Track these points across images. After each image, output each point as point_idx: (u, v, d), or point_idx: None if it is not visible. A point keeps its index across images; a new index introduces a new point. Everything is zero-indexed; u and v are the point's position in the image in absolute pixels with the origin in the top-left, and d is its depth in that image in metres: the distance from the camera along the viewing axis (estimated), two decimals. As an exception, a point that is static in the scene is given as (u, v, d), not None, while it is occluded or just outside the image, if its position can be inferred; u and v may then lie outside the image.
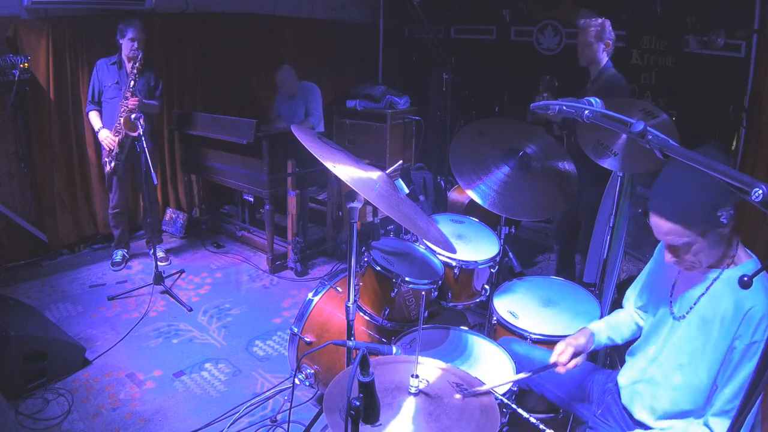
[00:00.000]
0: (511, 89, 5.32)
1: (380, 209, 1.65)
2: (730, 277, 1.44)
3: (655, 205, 1.43)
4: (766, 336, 1.32)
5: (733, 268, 1.45)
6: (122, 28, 3.65)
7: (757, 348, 1.34)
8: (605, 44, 3.11)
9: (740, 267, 1.44)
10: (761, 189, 0.78)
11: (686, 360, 1.49)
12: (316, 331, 2.41)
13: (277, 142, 3.97)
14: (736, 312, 1.38)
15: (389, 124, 5.50)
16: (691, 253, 1.43)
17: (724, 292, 1.43)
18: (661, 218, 1.42)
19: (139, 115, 3.44)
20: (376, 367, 1.40)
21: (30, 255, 4.14)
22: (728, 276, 1.44)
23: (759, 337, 1.33)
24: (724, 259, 1.46)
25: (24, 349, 2.60)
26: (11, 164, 3.97)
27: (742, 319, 1.37)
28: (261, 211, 4.59)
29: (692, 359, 1.47)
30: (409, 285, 2.21)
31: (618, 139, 2.26)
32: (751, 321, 1.35)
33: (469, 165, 2.44)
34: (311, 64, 5.63)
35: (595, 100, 1.24)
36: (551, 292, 2.46)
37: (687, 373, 1.49)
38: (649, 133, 1.05)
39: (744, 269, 1.43)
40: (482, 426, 1.29)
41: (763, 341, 1.32)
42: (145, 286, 3.71)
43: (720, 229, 1.36)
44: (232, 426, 2.49)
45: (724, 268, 1.46)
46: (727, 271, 1.46)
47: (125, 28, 3.63)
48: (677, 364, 1.51)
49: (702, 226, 1.36)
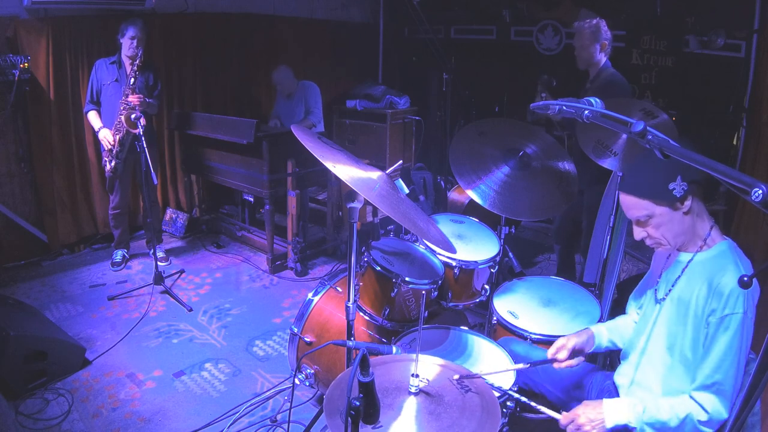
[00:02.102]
0: (511, 89, 5.32)
1: (380, 209, 1.65)
2: (703, 260, 1.50)
3: (620, 182, 1.54)
4: (740, 309, 1.37)
5: (706, 250, 1.51)
6: (123, 27, 3.66)
7: (729, 320, 1.38)
8: (601, 45, 3.09)
9: (713, 249, 1.50)
10: (761, 189, 0.78)
11: (671, 341, 1.53)
12: (316, 331, 2.41)
13: (277, 142, 3.97)
14: (708, 290, 1.44)
15: (389, 124, 5.51)
16: (653, 226, 1.51)
17: (698, 273, 1.49)
18: (622, 193, 1.54)
19: (139, 114, 3.45)
20: (376, 367, 1.40)
21: (30, 255, 4.14)
22: (701, 259, 1.51)
23: (731, 310, 1.38)
24: (696, 241, 1.52)
25: (24, 349, 2.60)
26: (11, 164, 3.98)
27: (712, 295, 1.42)
28: (261, 211, 4.59)
29: (676, 339, 1.52)
30: (409, 285, 2.21)
31: (618, 139, 2.26)
32: (721, 295, 1.40)
33: (469, 165, 2.45)
34: (311, 64, 5.64)
35: (595, 100, 1.24)
36: (551, 292, 2.46)
37: (674, 354, 1.53)
38: (649, 133, 1.05)
39: (716, 251, 1.49)
40: (483, 424, 1.29)
41: (737, 314, 1.37)
42: (145, 286, 3.71)
43: (677, 203, 1.45)
44: (232, 426, 2.49)
45: (697, 251, 1.52)
46: (700, 254, 1.52)
47: (126, 27, 3.64)
48: (664, 346, 1.55)
49: (655, 198, 1.46)
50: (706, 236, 1.51)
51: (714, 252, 1.50)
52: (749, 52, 3.85)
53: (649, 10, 4.24)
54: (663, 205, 1.46)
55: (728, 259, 1.46)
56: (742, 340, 1.38)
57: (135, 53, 3.61)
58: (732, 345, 1.38)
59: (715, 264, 1.46)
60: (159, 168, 4.75)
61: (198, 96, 4.98)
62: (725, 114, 3.97)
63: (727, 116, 3.96)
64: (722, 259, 1.47)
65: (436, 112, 5.48)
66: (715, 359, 1.40)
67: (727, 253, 1.48)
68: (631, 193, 1.51)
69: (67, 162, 4.24)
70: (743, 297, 1.38)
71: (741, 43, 3.88)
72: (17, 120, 3.93)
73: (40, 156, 4.08)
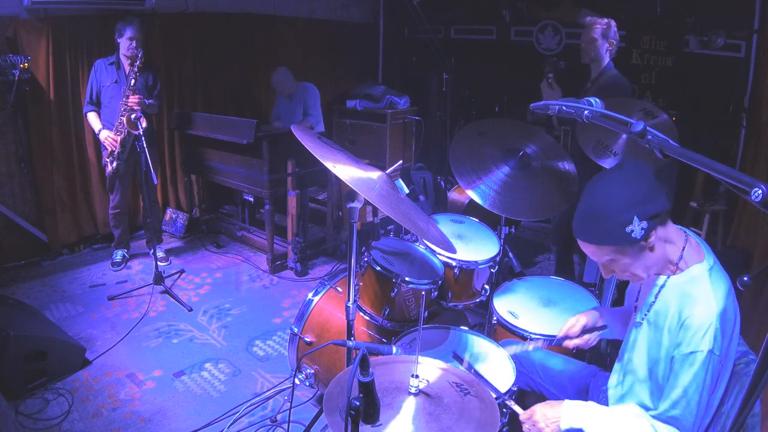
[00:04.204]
0: (511, 89, 5.32)
1: (380, 209, 1.65)
2: (675, 285, 1.42)
3: (574, 227, 1.43)
4: (705, 346, 1.30)
5: (678, 273, 1.43)
6: (120, 27, 3.64)
7: (694, 358, 1.31)
8: (609, 43, 3.12)
9: (685, 273, 1.42)
10: (761, 189, 0.78)
11: (648, 363, 1.49)
12: (316, 331, 2.41)
13: (277, 142, 3.97)
14: (678, 321, 1.38)
15: (389, 124, 5.51)
16: (619, 269, 1.43)
17: (670, 299, 1.42)
18: (580, 240, 1.43)
19: (140, 114, 3.44)
20: (376, 367, 1.40)
21: (30, 255, 4.14)
22: (674, 283, 1.43)
23: (695, 348, 1.31)
24: (668, 266, 1.44)
25: (24, 349, 2.60)
26: (11, 164, 3.98)
27: (680, 328, 1.36)
28: (261, 211, 4.59)
29: (651, 363, 1.48)
30: (409, 285, 2.21)
31: (618, 139, 2.26)
32: (687, 330, 1.33)
33: (469, 165, 2.45)
34: (311, 64, 5.64)
35: (594, 100, 1.24)
36: (551, 292, 2.46)
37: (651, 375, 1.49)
38: (649, 133, 1.05)
39: (687, 276, 1.41)
40: (482, 425, 1.29)
41: (701, 352, 1.30)
42: (145, 286, 3.71)
43: (641, 243, 1.35)
44: (232, 426, 2.49)
45: (669, 275, 1.45)
46: (673, 277, 1.44)
47: (124, 27, 3.62)
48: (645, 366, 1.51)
49: (616, 245, 1.36)
50: (678, 260, 1.42)
51: (685, 277, 1.41)
52: (749, 52, 3.85)
53: (649, 10, 4.24)
54: (625, 249, 1.37)
55: (700, 287, 1.37)
56: (706, 377, 1.31)
57: (134, 54, 3.59)
58: (694, 382, 1.32)
59: (686, 292, 1.38)
60: (159, 168, 4.75)
61: (198, 96, 4.98)
62: (725, 114, 3.97)
63: (727, 116, 3.96)
64: (693, 286, 1.38)
65: (436, 112, 5.47)
66: (675, 395, 1.35)
67: (699, 279, 1.39)
68: (587, 241, 1.40)
69: (67, 162, 4.24)
70: (711, 334, 1.30)
71: (741, 43, 3.88)
72: (17, 120, 3.93)
73: (40, 156, 4.08)
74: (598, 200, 1.36)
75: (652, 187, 1.35)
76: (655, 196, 1.34)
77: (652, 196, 1.34)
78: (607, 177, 1.39)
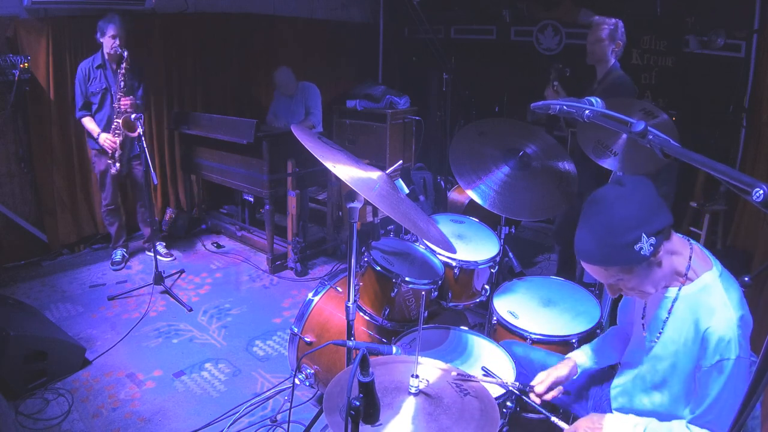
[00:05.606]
0: (511, 89, 5.32)
1: (380, 209, 1.65)
2: (688, 296, 1.40)
3: (577, 249, 1.39)
4: (732, 354, 1.28)
5: (689, 284, 1.40)
6: (102, 25, 3.57)
7: (722, 366, 1.29)
8: (615, 44, 3.09)
9: (696, 283, 1.39)
10: (761, 189, 0.78)
11: (662, 380, 1.48)
12: (316, 331, 2.41)
13: (277, 142, 3.97)
14: (696, 335, 1.36)
15: (389, 124, 5.51)
16: (627, 288, 1.40)
17: (685, 313, 1.40)
18: (585, 262, 1.38)
19: (139, 114, 3.44)
20: (376, 367, 1.40)
21: (30, 255, 4.14)
22: (686, 294, 1.40)
23: (721, 356, 1.30)
24: (677, 278, 1.41)
25: (24, 349, 2.60)
26: (11, 164, 3.98)
27: (701, 343, 1.34)
28: (261, 211, 4.59)
29: (667, 379, 1.46)
30: (409, 285, 2.21)
31: (618, 139, 2.26)
32: (709, 341, 1.31)
33: (469, 165, 2.44)
34: (311, 64, 5.64)
35: (595, 100, 1.24)
36: (551, 292, 2.46)
37: (665, 392, 1.48)
38: (650, 133, 1.05)
39: (700, 285, 1.38)
40: (482, 426, 1.29)
41: (729, 360, 1.28)
42: (145, 286, 3.71)
43: (650, 259, 1.31)
44: (232, 426, 2.49)
45: (680, 286, 1.41)
46: (684, 288, 1.40)
47: (105, 25, 3.56)
48: (654, 383, 1.51)
49: (624, 265, 1.32)
50: (687, 270, 1.39)
51: (698, 286, 1.38)
52: (749, 52, 3.85)
53: (649, 10, 4.24)
54: (633, 268, 1.32)
55: (714, 295, 1.34)
56: (737, 380, 1.29)
57: (118, 53, 3.55)
58: (726, 387, 1.30)
59: (702, 303, 1.36)
60: (159, 168, 4.76)
61: (198, 96, 4.98)
62: (725, 114, 3.97)
63: (727, 116, 3.96)
64: (707, 295, 1.36)
65: (436, 112, 5.47)
66: (708, 401, 1.34)
67: (712, 287, 1.36)
68: (594, 263, 1.35)
69: (67, 162, 4.24)
70: (735, 341, 1.29)
71: (741, 43, 3.88)
72: (17, 120, 3.93)
73: (40, 156, 4.08)
74: (602, 221, 1.32)
75: (656, 201, 1.32)
76: (659, 211, 1.31)
77: (656, 211, 1.31)
78: (609, 196, 1.34)
